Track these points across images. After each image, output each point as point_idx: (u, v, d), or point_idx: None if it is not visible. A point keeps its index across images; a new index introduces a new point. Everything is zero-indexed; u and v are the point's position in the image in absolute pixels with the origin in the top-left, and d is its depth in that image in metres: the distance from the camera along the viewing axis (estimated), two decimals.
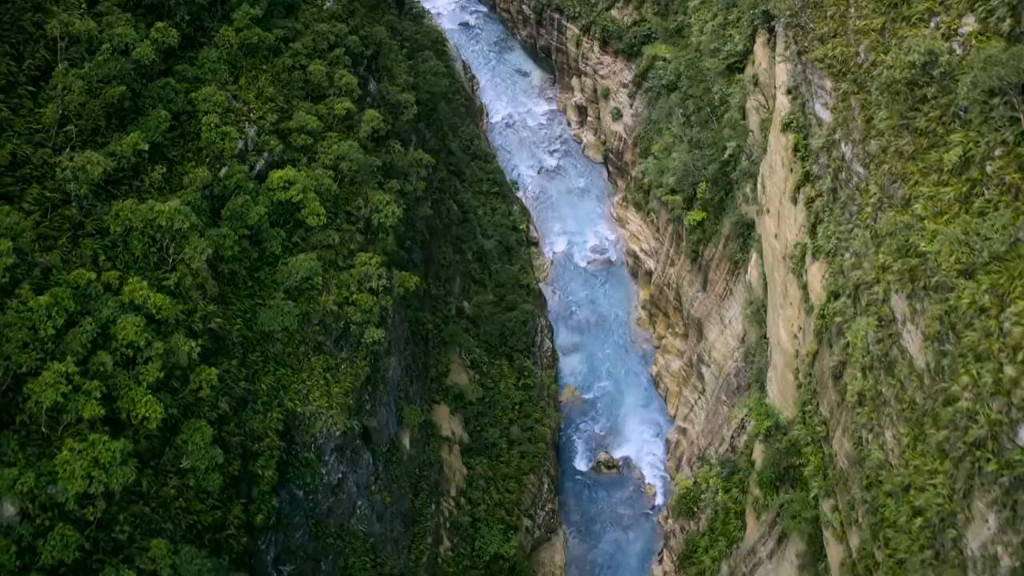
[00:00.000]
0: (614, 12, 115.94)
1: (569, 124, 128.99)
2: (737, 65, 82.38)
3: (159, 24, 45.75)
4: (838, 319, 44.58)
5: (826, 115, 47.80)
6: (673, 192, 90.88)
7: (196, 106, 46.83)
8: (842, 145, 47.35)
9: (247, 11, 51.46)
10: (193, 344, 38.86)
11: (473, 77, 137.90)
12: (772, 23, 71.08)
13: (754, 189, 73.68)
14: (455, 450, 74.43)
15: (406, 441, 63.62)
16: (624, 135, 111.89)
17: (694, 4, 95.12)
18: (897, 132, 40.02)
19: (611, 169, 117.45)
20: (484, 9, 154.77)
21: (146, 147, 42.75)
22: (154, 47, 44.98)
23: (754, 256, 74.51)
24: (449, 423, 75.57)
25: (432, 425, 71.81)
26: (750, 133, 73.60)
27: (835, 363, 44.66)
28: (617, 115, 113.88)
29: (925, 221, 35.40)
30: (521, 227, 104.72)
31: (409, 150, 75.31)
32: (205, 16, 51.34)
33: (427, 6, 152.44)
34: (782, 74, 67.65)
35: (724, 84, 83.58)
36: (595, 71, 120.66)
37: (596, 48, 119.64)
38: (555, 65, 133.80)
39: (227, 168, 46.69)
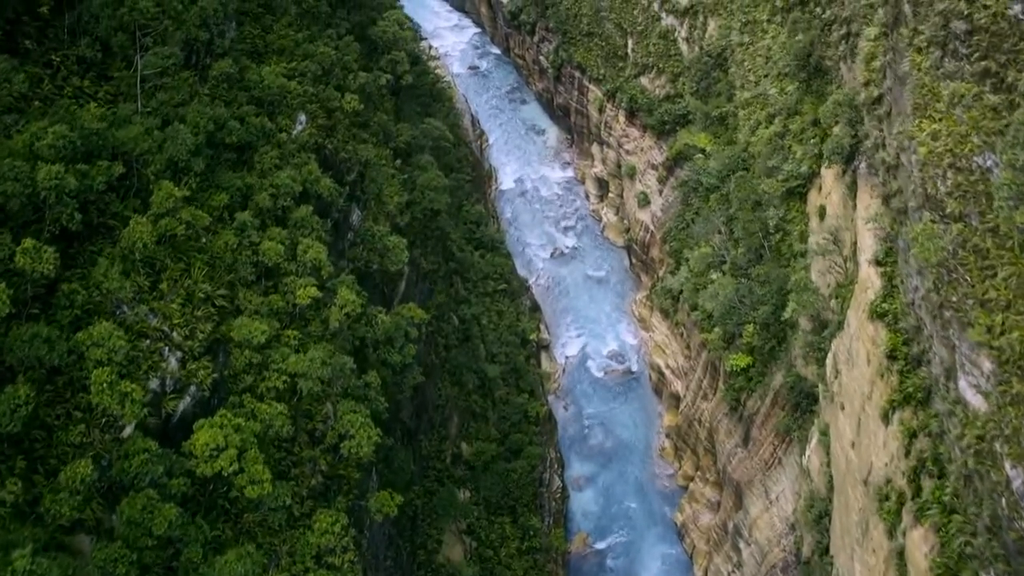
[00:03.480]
0: (644, 81, 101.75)
1: (587, 197, 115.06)
2: (799, 189, 68.51)
3: (28, 243, 32.05)
4: None
5: (978, 402, 34.15)
6: (710, 318, 77.18)
7: (84, 352, 33.42)
8: (996, 444, 33.68)
9: (169, 192, 37.67)
10: None
11: (482, 134, 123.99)
12: (855, 164, 57.14)
13: (820, 363, 60.00)
14: None
15: None
16: (651, 226, 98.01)
17: (742, 95, 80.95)
18: None
19: (634, 260, 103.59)
20: (497, 52, 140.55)
21: None
22: (13, 289, 31.27)
23: (815, 440, 60.94)
24: None
25: None
26: (817, 292, 59.77)
27: None
28: (644, 201, 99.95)
29: None
30: (531, 336, 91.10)
31: (398, 302, 61.90)
32: (112, 202, 37.68)
33: (437, 44, 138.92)
34: (868, 238, 53.88)
35: (781, 209, 69.69)
36: (619, 143, 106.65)
37: (622, 118, 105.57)
38: (573, 127, 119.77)
39: (126, 443, 33.20)
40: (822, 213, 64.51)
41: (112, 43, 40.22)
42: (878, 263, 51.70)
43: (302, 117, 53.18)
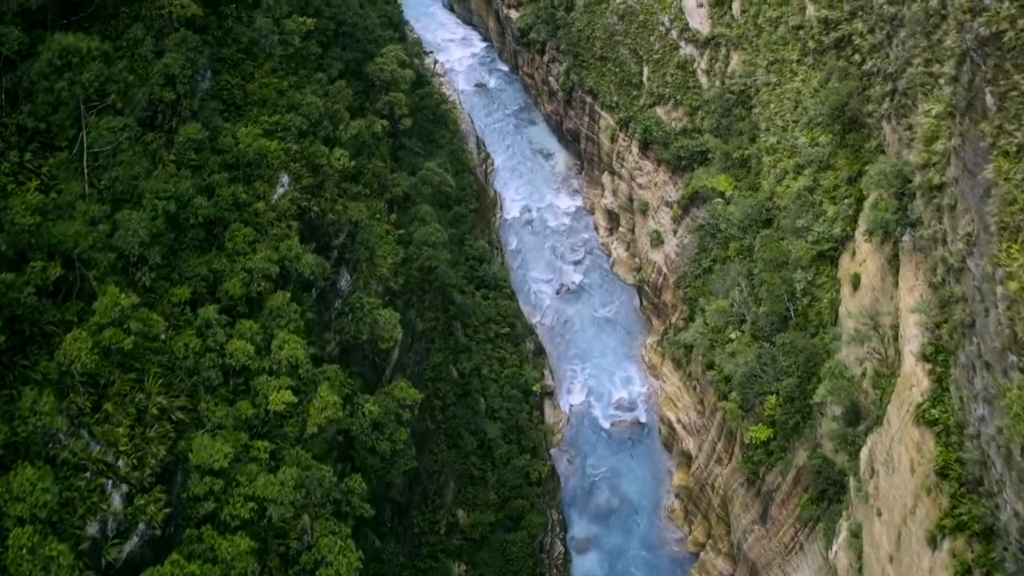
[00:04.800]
0: (659, 111, 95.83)
1: (597, 229, 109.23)
2: (829, 252, 62.74)
3: None
4: None
5: None
6: (726, 381, 71.51)
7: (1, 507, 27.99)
8: None
9: (114, 299, 31.99)
10: None
11: (488, 157, 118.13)
12: (897, 234, 51.29)
13: (852, 455, 54.33)
14: None
15: None
16: (664, 268, 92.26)
17: (767, 139, 75.04)
18: None
19: (645, 301, 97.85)
20: (505, 69, 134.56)
21: None
22: None
23: (844, 536, 55.31)
24: None
25: None
26: (853, 381, 54.01)
27: None
28: (657, 240, 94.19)
29: None
30: (535, 387, 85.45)
31: (390, 371, 56.39)
32: (48, 309, 32.07)
33: (443, 58, 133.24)
34: (913, 327, 48.18)
35: (810, 272, 63.94)
36: (632, 176, 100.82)
37: (635, 149, 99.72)
38: (583, 154, 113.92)
39: None
40: (856, 282, 58.75)
41: (52, 120, 34.58)
42: (925, 358, 46.07)
43: (284, 178, 47.53)
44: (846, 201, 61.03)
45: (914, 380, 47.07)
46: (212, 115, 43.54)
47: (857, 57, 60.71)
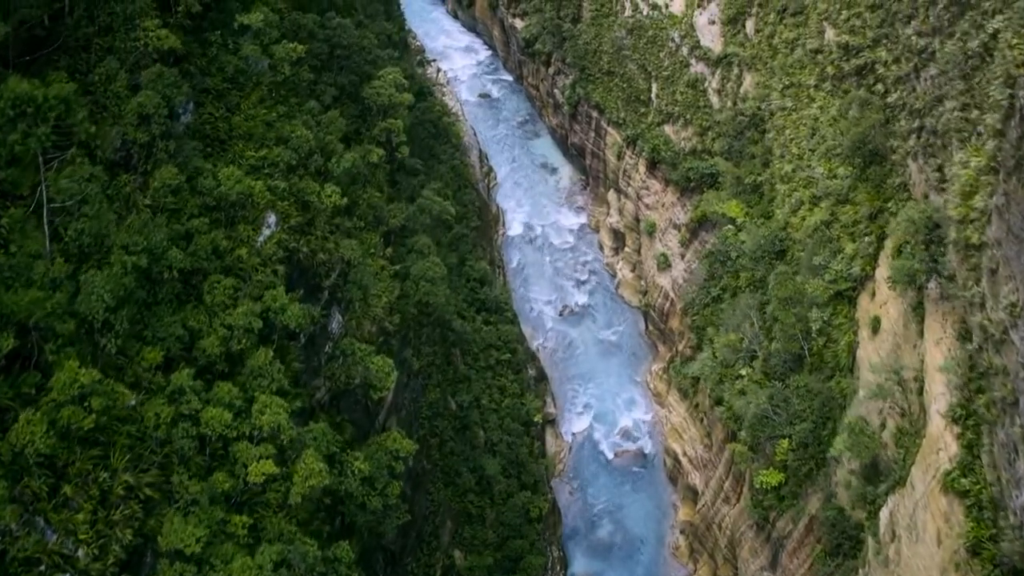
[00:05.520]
0: (668, 130, 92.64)
1: (601, 248, 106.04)
2: (848, 292, 59.63)
3: None
4: None
5: None
6: (735, 419, 68.48)
7: None
8: None
9: (72, 375, 28.91)
10: None
11: (490, 171, 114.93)
12: (923, 282, 48.13)
13: (871, 514, 51.27)
14: None
15: None
16: (671, 293, 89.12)
17: (782, 167, 71.79)
18: None
19: (650, 326, 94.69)
20: (509, 78, 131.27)
21: None
22: None
23: None
24: None
25: None
26: (874, 437, 50.86)
27: None
28: (664, 263, 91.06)
29: None
30: (536, 418, 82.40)
31: (383, 416, 53.42)
32: None
33: (446, 66, 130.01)
34: (939, 384, 45.12)
35: (826, 311, 60.79)
36: (638, 195, 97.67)
37: (642, 168, 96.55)
38: (589, 169, 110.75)
39: None
40: (876, 326, 55.69)
41: (6, 175, 31.48)
42: (954, 421, 43.02)
43: (271, 219, 44.47)
44: (866, 239, 57.91)
45: (941, 444, 44.05)
46: (192, 155, 40.45)
47: (880, 87, 57.54)
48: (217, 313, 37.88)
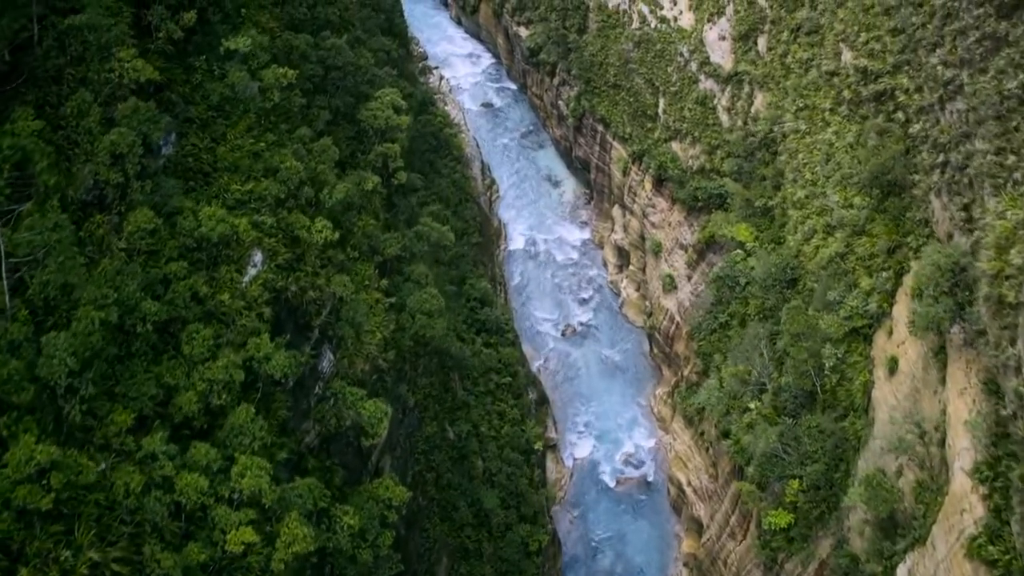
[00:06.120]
0: (675, 147, 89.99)
1: (606, 265, 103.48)
2: (864, 329, 57.00)
3: None
4: None
5: None
6: (743, 452, 65.94)
7: None
8: None
9: (29, 451, 26.23)
10: None
11: (492, 183, 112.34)
12: (954, 327, 45.38)
13: (888, 570, 48.64)
14: None
15: None
16: (677, 316, 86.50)
17: (794, 192, 69.09)
18: None
19: (655, 348, 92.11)
20: (513, 87, 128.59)
21: None
22: None
23: None
24: None
25: None
26: (893, 491, 48.22)
27: None
28: (670, 285, 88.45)
29: None
30: (537, 445, 79.88)
31: (376, 457, 50.96)
32: None
33: (448, 74, 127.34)
34: (964, 438, 42.56)
35: (840, 348, 58.17)
36: (644, 212, 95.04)
37: (648, 185, 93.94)
38: (593, 184, 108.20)
39: None
40: (893, 367, 53.05)
41: None
42: (980, 481, 40.46)
43: (256, 257, 41.93)
44: (884, 274, 55.29)
45: (966, 504, 41.51)
46: (172, 193, 37.92)
47: (900, 116, 54.87)
48: (196, 366, 35.35)
